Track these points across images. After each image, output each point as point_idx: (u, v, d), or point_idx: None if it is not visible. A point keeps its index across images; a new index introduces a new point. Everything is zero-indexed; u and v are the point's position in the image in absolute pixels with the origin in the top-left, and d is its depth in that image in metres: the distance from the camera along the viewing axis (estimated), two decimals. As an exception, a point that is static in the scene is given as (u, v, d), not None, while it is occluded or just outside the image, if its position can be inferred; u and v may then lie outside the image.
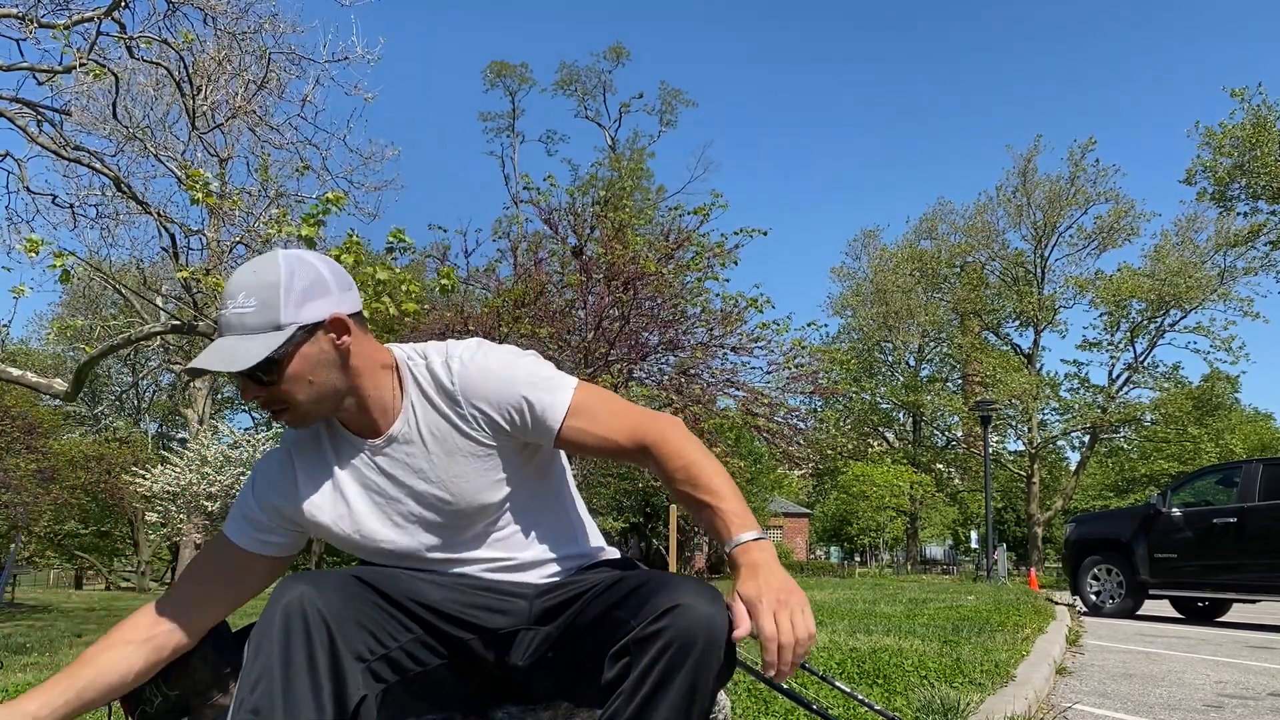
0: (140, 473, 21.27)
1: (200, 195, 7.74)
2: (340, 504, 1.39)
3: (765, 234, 13.93)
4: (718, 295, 14.22)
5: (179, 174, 8.97)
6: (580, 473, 13.33)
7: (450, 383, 1.37)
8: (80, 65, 8.16)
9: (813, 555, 42.89)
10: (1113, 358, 34.64)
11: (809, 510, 44.94)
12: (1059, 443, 37.33)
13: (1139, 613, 9.86)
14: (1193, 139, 26.95)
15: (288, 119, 10.11)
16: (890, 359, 40.79)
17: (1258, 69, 67.75)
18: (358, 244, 8.00)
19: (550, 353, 11.12)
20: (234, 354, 1.25)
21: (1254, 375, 77.28)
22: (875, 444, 40.96)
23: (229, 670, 1.53)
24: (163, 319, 9.57)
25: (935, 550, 50.88)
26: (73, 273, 7.46)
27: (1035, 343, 35.97)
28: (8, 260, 21.80)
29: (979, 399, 25.06)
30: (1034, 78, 77.37)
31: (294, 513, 1.40)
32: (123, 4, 8.55)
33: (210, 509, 20.55)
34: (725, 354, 13.98)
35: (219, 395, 35.05)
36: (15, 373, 9.68)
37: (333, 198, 7.81)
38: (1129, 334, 34.02)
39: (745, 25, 77.97)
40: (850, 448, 38.93)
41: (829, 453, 36.78)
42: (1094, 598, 9.92)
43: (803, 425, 16.12)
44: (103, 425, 33.85)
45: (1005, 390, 32.18)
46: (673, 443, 1.37)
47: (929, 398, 37.49)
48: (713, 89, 78.44)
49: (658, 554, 24.30)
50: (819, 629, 5.39)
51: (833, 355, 22.61)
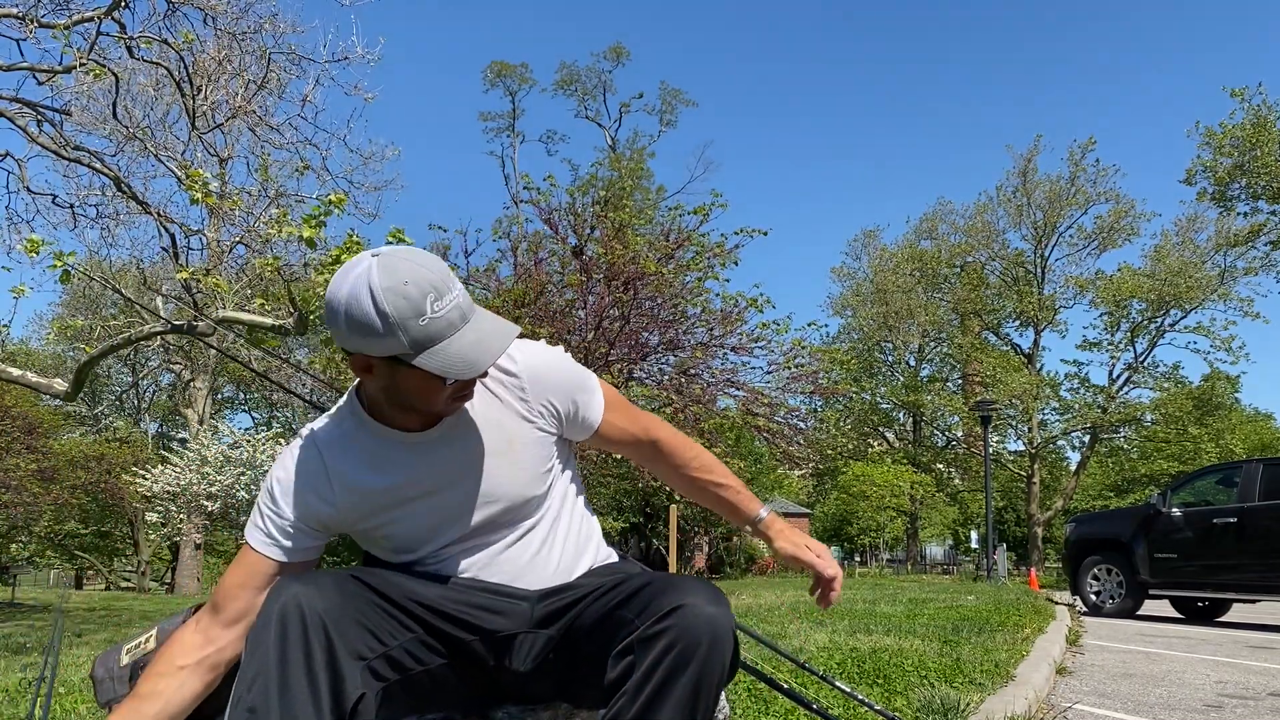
0: (140, 473, 21.27)
1: (200, 195, 7.74)
2: (384, 500, 1.38)
3: (765, 234, 13.93)
4: (718, 295, 14.23)
5: (179, 174, 8.97)
6: (580, 473, 13.32)
7: (516, 372, 1.42)
8: (80, 65, 8.16)
9: (813, 555, 42.81)
10: (1113, 358, 34.66)
11: (809, 510, 44.87)
12: (1059, 443, 37.32)
13: (1139, 613, 9.86)
14: (1193, 139, 26.99)
15: (288, 119, 10.11)
16: (890, 359, 40.78)
17: (1258, 69, 67.75)
18: (358, 244, 7.99)
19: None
20: (505, 327, 1.28)
21: (1254, 375, 77.31)
22: (875, 444, 40.94)
23: (230, 670, 1.53)
24: (162, 319, 9.57)
25: (935, 550, 50.86)
26: (73, 273, 7.46)
27: (1035, 343, 35.97)
28: (8, 260, 21.79)
29: (979, 399, 25.07)
30: (1034, 78, 77.41)
31: (330, 517, 1.38)
32: (123, 4, 8.55)
33: (210, 509, 20.55)
34: (725, 354, 13.98)
35: (219, 395, 35.08)
36: (15, 373, 9.68)
37: (334, 199, 7.81)
38: (1129, 334, 34.01)
39: (745, 25, 78.00)
40: (850, 448, 38.91)
41: (829, 453, 36.77)
42: (1094, 598, 9.92)
43: (803, 425, 16.12)
44: (103, 425, 33.85)
45: (1005, 390, 32.17)
46: (678, 437, 1.61)
47: (929, 398, 37.47)
48: (713, 89, 78.48)
49: (658, 554, 24.30)
50: (819, 629, 5.40)
51: (833, 355, 22.60)
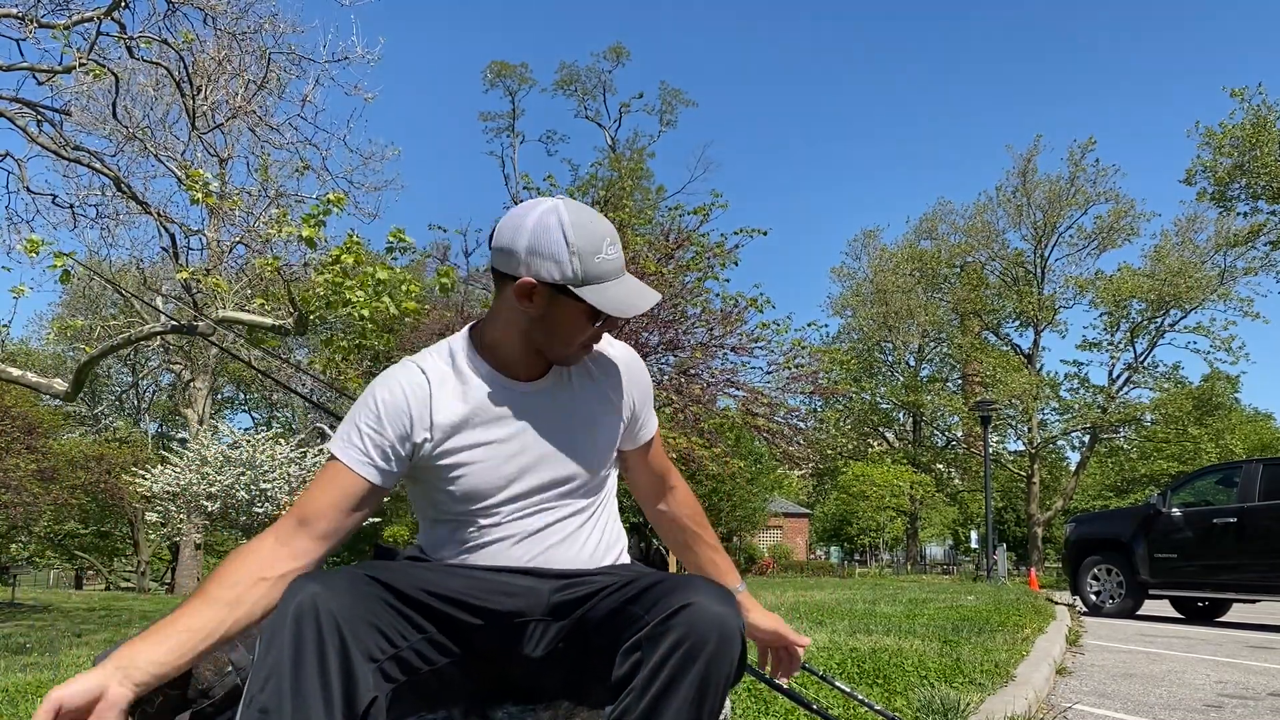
0: (140, 473, 21.26)
1: (200, 195, 7.75)
2: (477, 438, 1.42)
3: (765, 234, 13.94)
4: (718, 295, 14.23)
5: (179, 174, 8.98)
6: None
7: (615, 359, 1.56)
8: (80, 65, 8.16)
9: (813, 555, 42.89)
10: (1113, 358, 34.67)
11: (809, 510, 44.96)
12: (1059, 443, 37.35)
13: (1139, 613, 9.86)
14: (1193, 139, 26.96)
15: (288, 119, 10.11)
16: (890, 359, 40.79)
17: (1258, 69, 67.78)
18: (358, 244, 8.00)
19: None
20: (651, 290, 1.42)
21: (1254, 375, 77.31)
22: (875, 444, 40.95)
23: (231, 670, 1.53)
24: (162, 319, 9.56)
25: (935, 550, 50.86)
26: (73, 273, 7.46)
27: (1035, 343, 35.98)
28: (8, 260, 21.79)
29: (979, 399, 25.07)
30: (1034, 78, 77.43)
31: (423, 447, 1.41)
32: (123, 4, 8.55)
33: (210, 509, 20.54)
34: (725, 354, 13.98)
35: (219, 395, 35.08)
36: (15, 373, 9.68)
37: (334, 199, 7.81)
38: (1129, 334, 34.02)
39: (745, 25, 78.02)
40: (850, 448, 38.93)
41: (829, 453, 36.78)
42: (1094, 598, 9.92)
43: (803, 425, 16.13)
44: (103, 425, 33.85)
45: (1005, 390, 32.18)
46: (687, 486, 1.74)
47: (929, 398, 37.48)
48: (713, 89, 78.50)
49: (657, 554, 24.30)
50: (820, 629, 5.40)
51: (833, 355, 22.59)
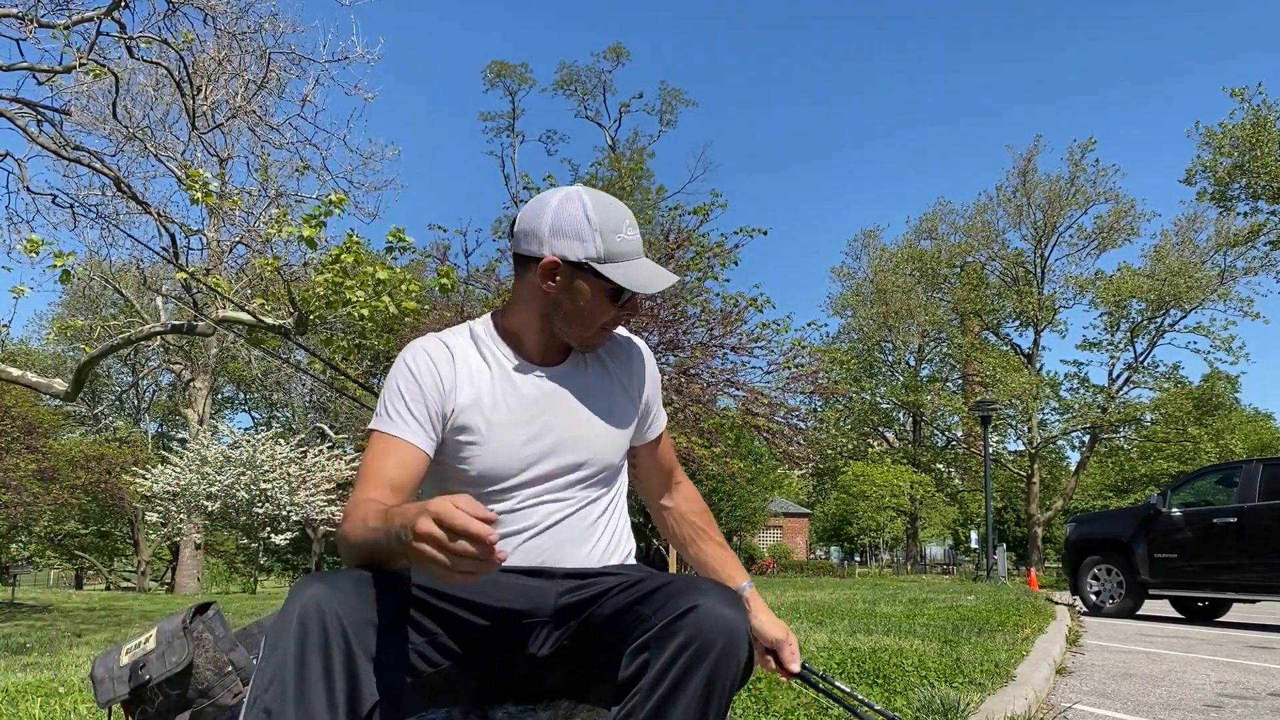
0: (140, 473, 21.26)
1: (200, 195, 7.75)
2: (497, 416, 1.44)
3: (765, 234, 13.94)
4: (718, 295, 14.24)
5: (179, 174, 8.97)
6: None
7: (630, 350, 1.60)
8: (80, 65, 8.16)
9: (813, 555, 42.88)
10: (1113, 358, 34.67)
11: (809, 510, 44.95)
12: (1059, 443, 37.34)
13: (1139, 613, 9.86)
14: (1193, 139, 26.98)
15: (288, 119, 10.10)
16: (890, 359, 40.79)
17: (1258, 69, 67.78)
18: (358, 244, 8.00)
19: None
20: (668, 272, 1.46)
21: (1254, 375, 77.30)
22: (875, 444, 40.94)
23: (231, 670, 1.53)
24: (163, 318, 9.56)
25: (935, 550, 50.85)
26: (73, 273, 7.46)
27: (1035, 343, 35.97)
28: (8, 260, 21.80)
29: (979, 399, 25.06)
30: (1034, 78, 77.44)
31: (451, 410, 1.43)
32: (123, 4, 8.55)
33: (210, 509, 20.55)
34: (725, 354, 13.98)
35: (219, 395, 35.08)
36: (15, 373, 9.69)
37: (335, 199, 7.81)
38: (1129, 334, 34.02)
39: (745, 25, 77.99)
40: (850, 448, 38.92)
41: (829, 452, 36.77)
42: (1094, 598, 9.92)
43: (803, 425, 16.13)
44: (103, 425, 33.85)
45: (1005, 390, 32.17)
46: (691, 484, 1.75)
47: (929, 398, 37.47)
48: (713, 89, 78.49)
49: (658, 554, 24.29)
50: (820, 629, 5.41)
51: (833, 355, 22.65)
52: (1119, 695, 4.00)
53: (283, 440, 22.18)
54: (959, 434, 39.12)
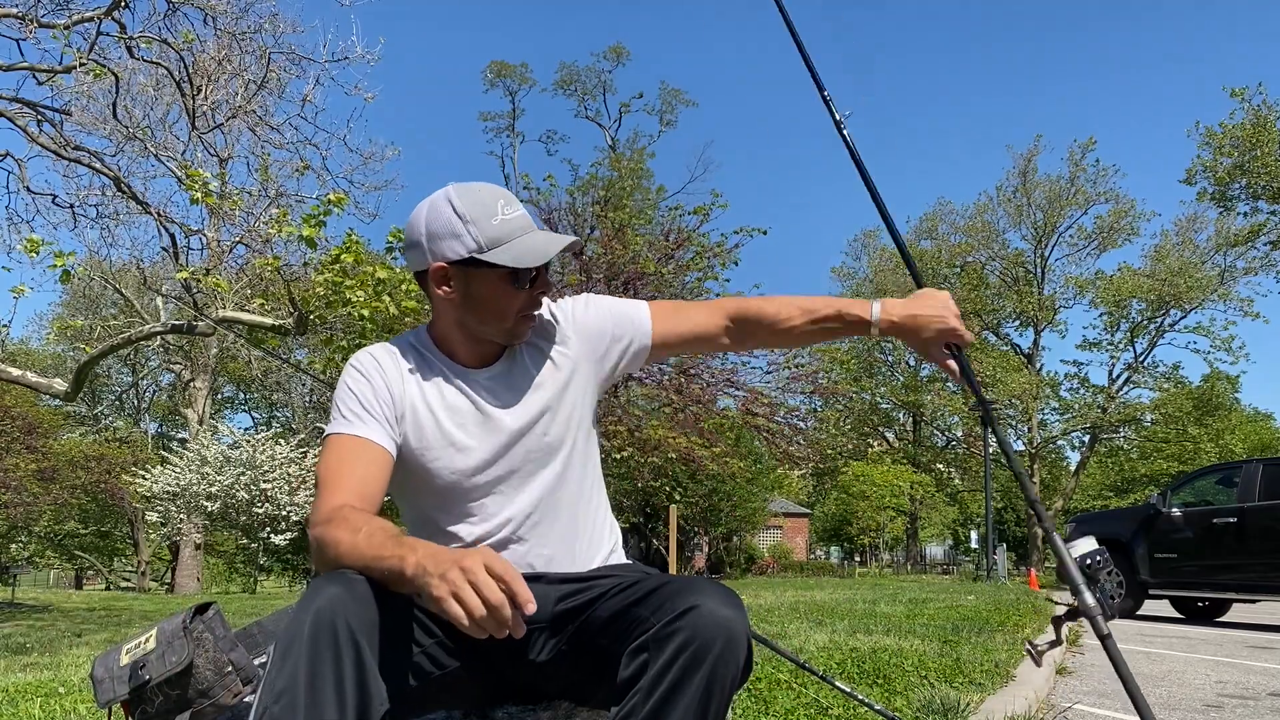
0: (140, 473, 21.27)
1: (200, 195, 7.75)
2: (431, 416, 1.44)
3: (765, 233, 13.96)
4: (718, 295, 14.23)
5: (179, 174, 8.97)
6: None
7: (559, 319, 1.54)
8: (80, 65, 8.16)
9: (813, 555, 42.87)
10: (1113, 358, 34.70)
11: (809, 510, 44.94)
12: (1059, 443, 37.36)
13: (1139, 613, 9.86)
14: (1193, 139, 27.01)
15: (288, 119, 10.12)
16: (890, 359, 40.78)
17: (1258, 69, 67.70)
18: (358, 244, 8.00)
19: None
20: (555, 237, 1.42)
21: (1254, 375, 77.28)
22: (875, 444, 40.96)
23: (231, 670, 1.53)
24: (163, 318, 9.56)
25: (935, 550, 50.86)
26: (73, 273, 7.46)
27: (1035, 343, 35.99)
28: (8, 260, 21.79)
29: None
30: (1034, 78, 77.42)
31: (402, 413, 1.44)
32: (123, 4, 8.55)
33: (210, 509, 20.57)
34: (725, 354, 13.98)
35: (219, 395, 35.09)
36: (15, 373, 9.69)
37: (334, 199, 7.81)
38: (1129, 334, 34.04)
39: (745, 25, 77.99)
40: (850, 448, 38.93)
41: (829, 452, 36.77)
42: (1094, 598, 9.92)
43: (803, 425, 16.14)
44: (103, 425, 33.86)
45: (1005, 390, 32.19)
46: (753, 300, 1.63)
47: (929, 398, 37.48)
48: (713, 88, 78.49)
49: (658, 554, 24.27)
50: (820, 629, 5.40)
51: (832, 355, 22.58)
52: (1119, 695, 4.00)
53: (283, 440, 22.20)
54: (959, 434, 39.14)
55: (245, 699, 1.52)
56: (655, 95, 40.89)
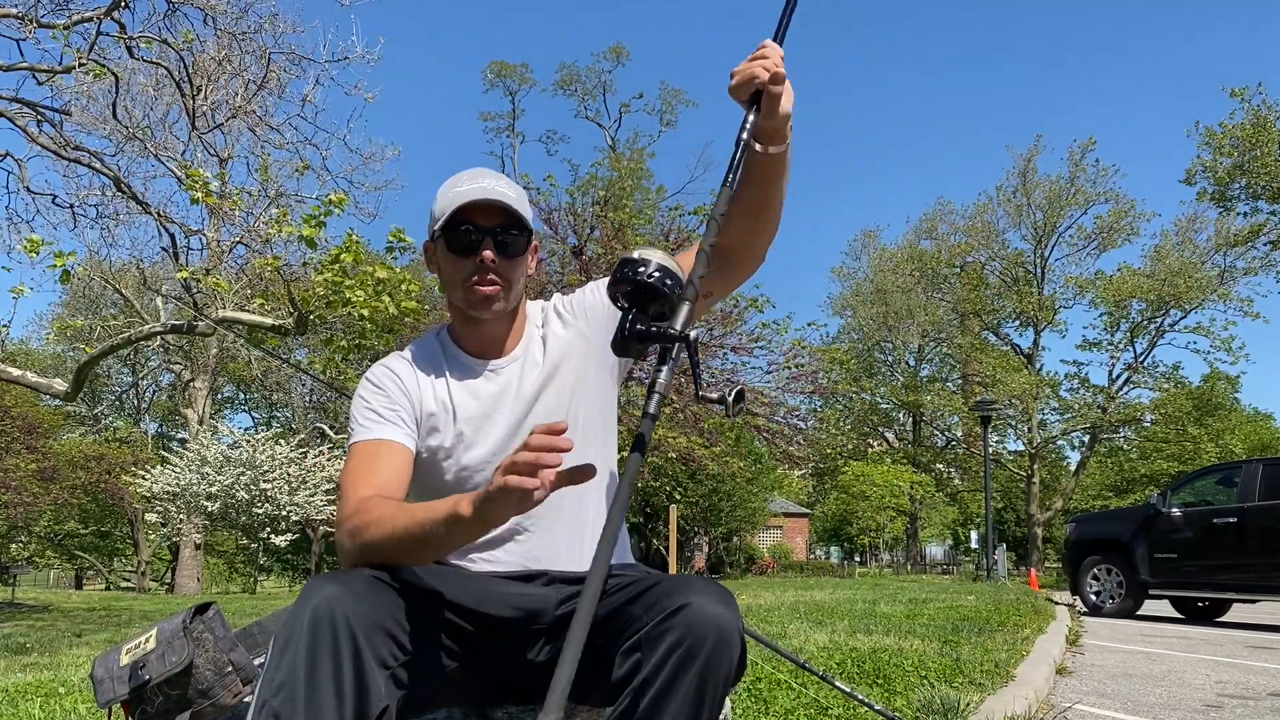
0: (140, 473, 21.27)
1: (200, 195, 7.75)
2: (446, 414, 1.46)
3: (765, 234, 13.92)
4: (718, 295, 14.23)
5: (179, 174, 8.97)
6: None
7: (561, 309, 1.56)
8: (80, 65, 8.16)
9: (813, 555, 42.87)
10: (1113, 358, 34.67)
11: (809, 510, 44.93)
12: (1059, 443, 37.34)
13: (1139, 613, 9.86)
14: (1193, 139, 27.03)
15: (288, 119, 10.11)
16: (890, 359, 40.78)
17: (1258, 69, 67.68)
18: (357, 244, 8.01)
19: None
20: (508, 190, 1.42)
21: (1254, 375, 77.19)
22: (875, 444, 40.93)
23: (231, 670, 1.53)
24: (163, 318, 9.56)
25: (935, 550, 50.85)
26: (73, 273, 7.46)
27: (1035, 343, 35.97)
28: (8, 260, 21.79)
29: (979, 399, 25.05)
30: (1034, 78, 77.40)
31: (421, 415, 1.47)
32: (123, 4, 8.55)
33: (210, 509, 20.57)
34: (725, 354, 14.00)
35: (219, 395, 35.08)
36: (15, 373, 9.69)
37: (335, 199, 7.82)
38: (1129, 334, 34.02)
39: (745, 25, 77.99)
40: (850, 448, 38.91)
41: (829, 452, 36.78)
42: (1094, 598, 9.92)
43: (803, 425, 16.16)
44: (103, 425, 33.87)
45: (1005, 390, 32.18)
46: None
47: (929, 398, 37.48)
48: (713, 89, 78.36)
49: (658, 554, 24.29)
50: (820, 629, 5.40)
51: (833, 355, 22.65)
52: (1119, 695, 4.00)
53: (283, 440, 22.20)
54: (959, 434, 39.12)
55: (245, 699, 1.52)
56: (655, 95, 41.03)
